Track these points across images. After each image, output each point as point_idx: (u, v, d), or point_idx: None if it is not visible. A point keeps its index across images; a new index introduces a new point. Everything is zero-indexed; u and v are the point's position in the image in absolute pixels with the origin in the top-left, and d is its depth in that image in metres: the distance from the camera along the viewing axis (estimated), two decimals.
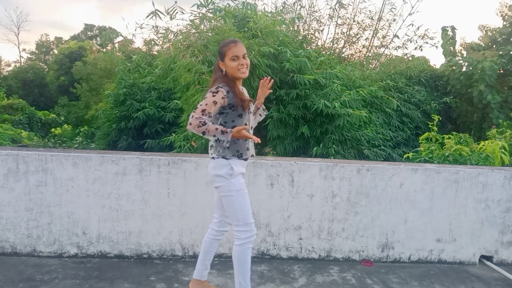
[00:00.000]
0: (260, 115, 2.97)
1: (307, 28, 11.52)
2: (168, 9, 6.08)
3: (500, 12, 12.42)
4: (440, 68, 11.91)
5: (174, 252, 3.61)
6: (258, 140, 2.42)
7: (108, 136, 9.76)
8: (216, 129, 2.37)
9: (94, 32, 46.89)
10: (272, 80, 2.81)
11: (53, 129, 21.49)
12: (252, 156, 2.72)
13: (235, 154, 2.57)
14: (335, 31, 11.76)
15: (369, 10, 12.61)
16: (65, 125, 23.69)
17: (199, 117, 2.36)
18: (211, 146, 2.65)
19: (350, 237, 3.79)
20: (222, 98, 2.46)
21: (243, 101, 2.54)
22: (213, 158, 2.60)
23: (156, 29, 7.21)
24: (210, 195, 3.41)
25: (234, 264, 2.65)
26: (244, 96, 2.63)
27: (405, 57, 12.34)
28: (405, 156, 5.89)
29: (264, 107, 2.97)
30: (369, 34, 11.98)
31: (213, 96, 2.43)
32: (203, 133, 2.36)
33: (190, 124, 2.36)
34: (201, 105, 2.41)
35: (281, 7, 10.68)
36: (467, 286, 3.45)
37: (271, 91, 2.92)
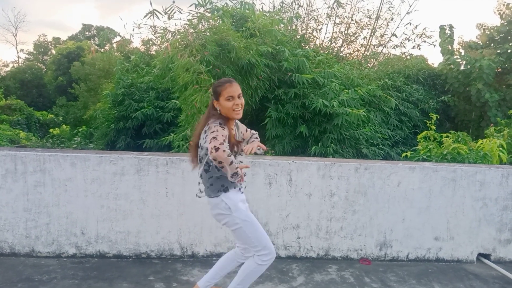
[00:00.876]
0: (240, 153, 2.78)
1: (305, 27, 11.54)
2: (166, 9, 6.09)
3: (498, 10, 12.43)
4: (438, 66, 11.93)
5: (173, 251, 3.62)
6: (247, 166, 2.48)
7: (107, 136, 9.75)
8: (236, 167, 2.34)
9: (92, 32, 46.82)
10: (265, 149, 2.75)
11: (51, 130, 21.46)
12: (245, 174, 2.60)
13: (220, 190, 2.49)
14: (333, 30, 11.80)
15: (367, 9, 12.67)
16: (63, 125, 23.66)
17: (227, 149, 2.28)
18: (198, 183, 2.62)
19: (348, 236, 3.79)
20: (227, 135, 2.39)
21: (233, 146, 2.48)
22: (200, 197, 2.60)
23: (154, 29, 7.22)
24: None
25: (241, 272, 2.63)
26: (235, 140, 2.54)
27: (403, 56, 12.36)
28: (404, 154, 5.90)
29: (256, 132, 2.87)
30: (367, 33, 12.00)
31: (223, 129, 2.36)
32: (230, 163, 2.28)
33: (224, 151, 2.24)
34: (217, 135, 2.29)
35: (279, 7, 10.68)
36: (465, 284, 3.46)
37: (262, 153, 2.86)
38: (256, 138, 2.84)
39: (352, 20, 11.71)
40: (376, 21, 11.76)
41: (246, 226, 2.51)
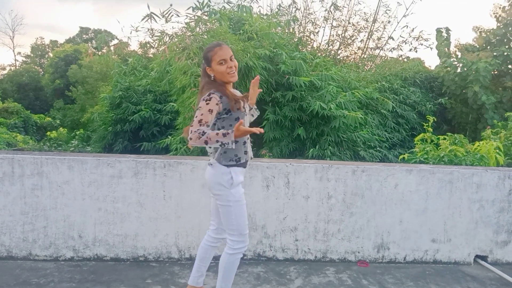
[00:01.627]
0: (252, 115, 2.90)
1: (302, 30, 11.56)
2: (163, 12, 6.10)
3: (494, 13, 12.49)
4: (435, 69, 11.99)
5: (171, 254, 3.61)
6: (260, 130, 2.23)
7: (104, 139, 9.74)
8: (217, 134, 2.24)
9: (89, 35, 46.84)
10: (258, 76, 2.75)
11: (48, 133, 21.44)
12: (251, 158, 2.67)
13: (233, 159, 2.47)
14: (330, 33, 11.82)
15: (364, 12, 12.69)
16: (61, 128, 23.63)
17: (197, 129, 2.24)
18: (210, 153, 2.57)
19: (346, 238, 3.80)
20: (217, 104, 2.35)
21: (238, 102, 2.46)
22: (211, 164, 2.52)
23: (151, 32, 7.22)
24: (206, 198, 3.41)
25: (219, 270, 2.61)
26: (237, 97, 2.53)
27: (400, 58, 12.42)
28: (401, 157, 5.92)
29: (256, 107, 2.90)
30: (364, 36, 12.04)
31: (207, 104, 2.32)
32: (206, 142, 2.22)
33: (191, 139, 2.23)
34: (196, 116, 2.30)
35: (276, 10, 10.71)
36: (462, 286, 3.47)
37: (261, 90, 2.88)
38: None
39: (349, 23, 11.74)
40: (373, 24, 11.80)
41: (235, 207, 2.50)
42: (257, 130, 2.23)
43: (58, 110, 30.26)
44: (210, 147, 2.39)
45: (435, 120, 7.22)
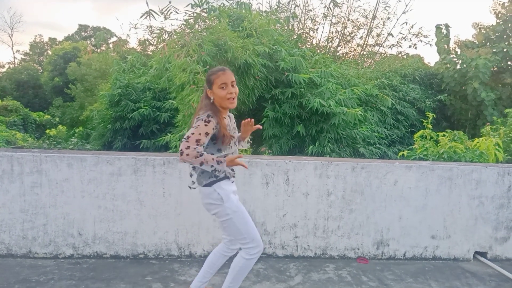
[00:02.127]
0: (242, 145, 2.88)
1: (301, 27, 11.56)
2: (162, 9, 6.08)
3: (493, 9, 12.49)
4: (435, 66, 11.99)
5: (170, 252, 3.62)
6: (246, 167, 2.45)
7: (103, 137, 9.74)
8: (213, 159, 2.31)
9: (88, 32, 46.72)
10: (252, 120, 2.71)
11: (48, 130, 21.41)
12: (233, 176, 2.63)
13: (211, 176, 2.46)
14: (329, 30, 11.82)
15: (364, 9, 12.68)
16: (60, 126, 23.59)
17: (195, 147, 2.28)
18: (190, 175, 2.60)
19: (346, 235, 3.80)
20: (213, 129, 2.38)
21: (225, 137, 2.45)
22: (194, 188, 2.57)
23: (150, 29, 7.21)
24: None
25: (231, 270, 2.60)
26: (228, 134, 2.50)
27: (400, 55, 12.41)
28: (400, 154, 5.92)
29: (249, 139, 2.85)
30: (364, 32, 12.04)
31: (206, 126, 2.34)
32: (201, 163, 2.29)
33: (187, 155, 2.26)
34: (193, 134, 2.31)
35: (276, 6, 10.70)
36: (462, 282, 3.48)
37: (259, 127, 2.80)
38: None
39: (348, 19, 11.75)
40: (372, 21, 11.80)
41: (236, 217, 2.49)
42: (245, 166, 2.44)
43: (57, 108, 30.23)
44: (217, 170, 2.39)
45: (435, 116, 7.22)
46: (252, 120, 2.71)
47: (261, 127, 2.30)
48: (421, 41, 11.78)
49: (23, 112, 22.90)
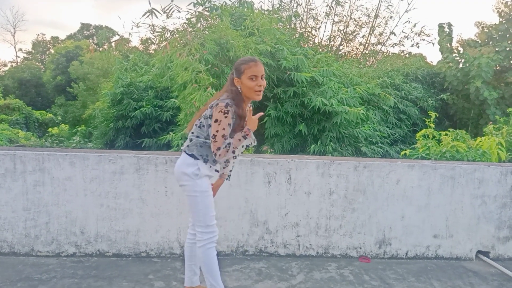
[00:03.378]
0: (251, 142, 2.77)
1: (303, 26, 11.54)
2: (164, 8, 6.09)
3: (496, 8, 12.45)
4: (437, 65, 11.96)
5: (172, 250, 3.62)
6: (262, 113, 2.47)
7: (106, 136, 9.76)
8: (239, 140, 2.40)
9: (90, 31, 46.78)
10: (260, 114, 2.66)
11: (50, 129, 21.47)
12: (218, 172, 2.64)
13: (203, 155, 2.50)
14: (331, 29, 11.80)
15: (366, 8, 12.68)
16: (62, 124, 23.64)
17: (225, 144, 2.35)
18: (187, 139, 2.59)
19: (348, 234, 3.80)
20: (232, 118, 2.39)
21: (238, 127, 2.45)
22: (183, 151, 2.57)
23: (152, 27, 7.21)
24: None
25: (201, 266, 2.60)
26: (243, 121, 2.49)
27: (402, 54, 12.38)
28: (402, 153, 5.91)
29: (254, 138, 2.74)
30: (366, 31, 12.02)
31: (226, 117, 2.35)
32: (233, 151, 2.39)
33: (220, 155, 2.36)
34: (217, 131, 2.35)
35: (278, 5, 10.68)
36: (464, 281, 3.47)
37: (259, 115, 2.69)
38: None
39: (350, 18, 11.73)
40: (374, 20, 11.78)
41: (202, 197, 2.50)
42: (259, 114, 2.52)
43: (60, 107, 30.28)
44: (248, 146, 2.47)
45: (437, 116, 7.21)
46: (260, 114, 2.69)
47: (262, 113, 2.34)
48: (424, 40, 11.78)
49: (25, 111, 22.96)
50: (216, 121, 2.36)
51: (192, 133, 2.56)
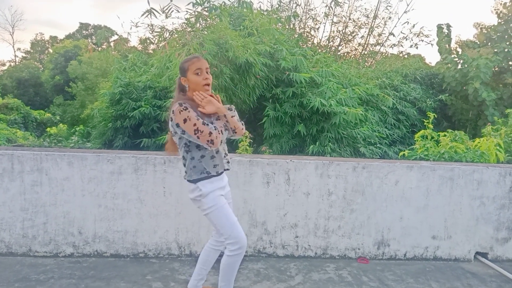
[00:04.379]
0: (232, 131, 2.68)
1: (303, 26, 11.54)
2: (163, 8, 6.09)
3: (495, 9, 12.46)
4: (436, 65, 11.98)
5: (171, 251, 3.61)
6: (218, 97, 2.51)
7: (104, 135, 9.72)
8: (225, 116, 2.45)
9: (89, 31, 46.71)
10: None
11: (48, 129, 21.41)
12: (226, 169, 2.62)
13: (203, 172, 2.48)
14: (331, 29, 11.80)
15: (365, 8, 12.69)
16: (61, 124, 23.58)
17: (209, 128, 2.34)
18: (185, 170, 2.57)
19: (346, 235, 3.80)
20: (194, 111, 2.38)
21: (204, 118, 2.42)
22: (186, 180, 2.58)
23: (151, 27, 7.20)
24: None
25: (220, 269, 2.61)
26: (207, 112, 2.45)
27: (401, 55, 12.40)
28: (401, 153, 5.91)
29: (234, 109, 2.70)
30: (365, 32, 12.03)
31: (188, 111, 2.34)
32: (221, 132, 2.39)
33: (212, 141, 2.33)
34: (195, 124, 2.32)
35: (277, 5, 10.68)
36: (463, 282, 3.47)
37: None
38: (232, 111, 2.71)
39: (349, 19, 11.73)
40: (373, 20, 11.79)
41: (213, 212, 2.50)
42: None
43: (58, 106, 30.21)
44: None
45: (436, 116, 7.20)
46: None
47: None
48: (422, 40, 11.79)
49: (23, 110, 22.88)
50: (185, 120, 2.34)
51: (183, 157, 2.55)
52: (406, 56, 12.49)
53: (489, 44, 11.78)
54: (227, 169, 2.63)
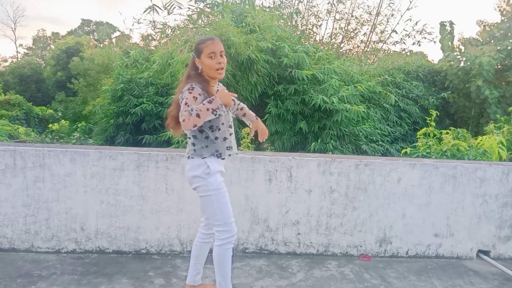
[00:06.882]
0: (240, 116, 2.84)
1: (305, 23, 11.51)
2: (165, 4, 6.08)
3: (498, 7, 12.41)
4: (438, 63, 11.93)
5: (173, 247, 3.61)
6: (234, 95, 2.43)
7: (106, 132, 9.74)
8: (203, 104, 2.27)
9: (91, 27, 46.71)
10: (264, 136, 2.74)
11: (50, 125, 21.44)
12: (236, 154, 2.62)
13: (213, 154, 2.47)
14: (333, 26, 11.77)
15: (367, 5, 12.67)
16: (63, 120, 23.62)
17: (185, 109, 2.24)
18: (188, 145, 2.56)
19: (348, 232, 3.79)
20: (199, 94, 2.35)
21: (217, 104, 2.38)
22: (189, 157, 2.52)
23: (153, 24, 7.20)
24: None
25: (214, 264, 2.59)
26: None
27: (403, 52, 12.37)
28: (403, 151, 5.90)
29: (239, 103, 2.77)
30: (367, 29, 12.00)
31: (190, 93, 2.32)
32: (198, 115, 2.21)
33: (183, 121, 2.21)
34: (185, 103, 2.29)
35: (279, 2, 10.65)
36: (465, 280, 3.46)
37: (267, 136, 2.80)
38: (244, 107, 2.82)
39: (352, 16, 11.70)
40: (376, 17, 11.76)
41: (216, 195, 2.47)
42: (234, 95, 2.43)
43: (60, 103, 30.24)
44: (215, 110, 2.32)
45: (438, 114, 7.19)
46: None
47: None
48: (425, 38, 11.79)
49: (25, 107, 22.91)
50: (182, 101, 2.32)
51: (189, 137, 2.51)
52: (408, 53, 12.47)
53: (492, 41, 11.73)
54: (236, 154, 2.65)
